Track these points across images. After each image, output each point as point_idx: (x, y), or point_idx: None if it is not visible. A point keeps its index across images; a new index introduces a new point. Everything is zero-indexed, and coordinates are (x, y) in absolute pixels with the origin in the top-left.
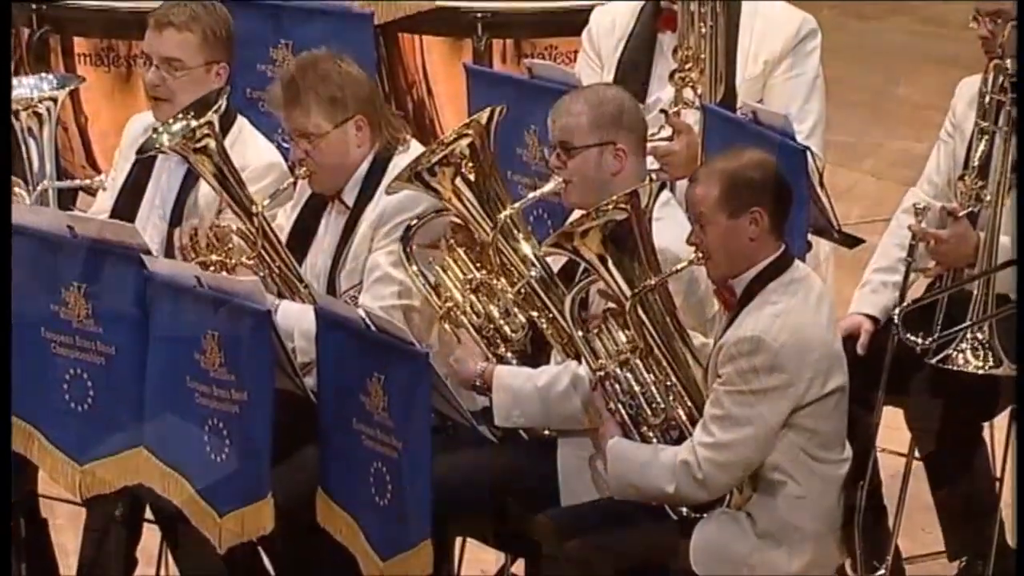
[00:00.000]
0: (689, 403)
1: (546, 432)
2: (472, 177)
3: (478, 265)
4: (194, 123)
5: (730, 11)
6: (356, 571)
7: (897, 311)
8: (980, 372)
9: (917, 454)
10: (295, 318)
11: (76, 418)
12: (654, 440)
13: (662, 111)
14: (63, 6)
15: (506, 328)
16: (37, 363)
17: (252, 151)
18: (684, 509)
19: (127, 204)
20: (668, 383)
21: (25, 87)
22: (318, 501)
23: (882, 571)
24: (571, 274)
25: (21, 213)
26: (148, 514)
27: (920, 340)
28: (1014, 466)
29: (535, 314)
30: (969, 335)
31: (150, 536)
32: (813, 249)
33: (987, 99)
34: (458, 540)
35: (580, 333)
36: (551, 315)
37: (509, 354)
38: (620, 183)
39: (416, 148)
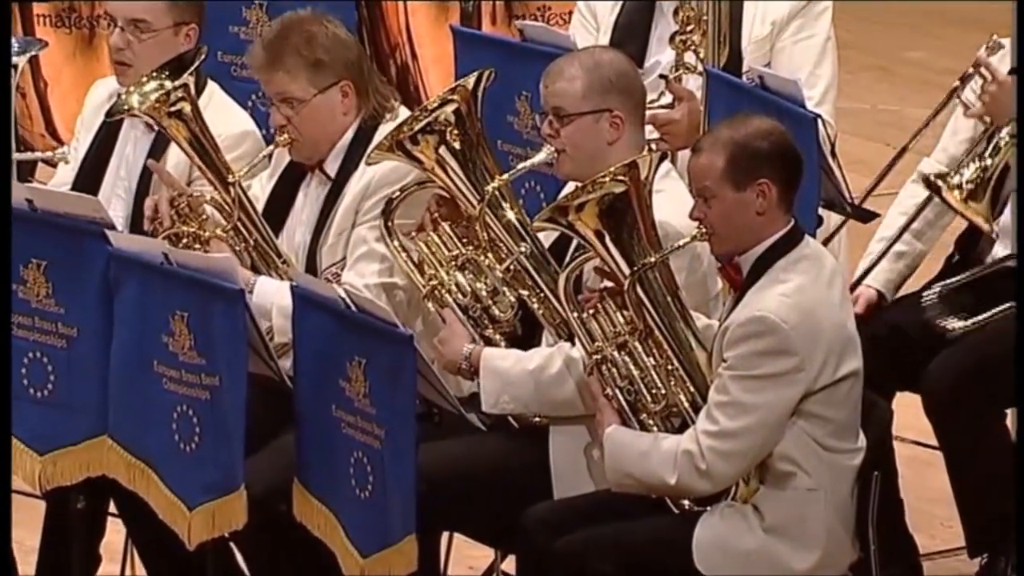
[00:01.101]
0: (692, 389)
1: (536, 419)
2: (458, 146)
3: (464, 241)
4: (168, 84)
5: None
6: (335, 568)
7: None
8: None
9: (935, 443)
10: (273, 294)
11: (35, 405)
12: (654, 428)
13: (662, 76)
14: None
15: (494, 308)
16: None
17: (224, 118)
18: (686, 502)
19: (90, 176)
20: (669, 367)
21: None
22: (294, 493)
23: None
24: (563, 250)
25: None
26: (112, 508)
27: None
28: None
29: (525, 293)
30: None
31: (114, 531)
32: (824, 224)
33: None
34: (444, 535)
35: (575, 314)
36: (542, 294)
37: (497, 336)
38: (617, 153)
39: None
